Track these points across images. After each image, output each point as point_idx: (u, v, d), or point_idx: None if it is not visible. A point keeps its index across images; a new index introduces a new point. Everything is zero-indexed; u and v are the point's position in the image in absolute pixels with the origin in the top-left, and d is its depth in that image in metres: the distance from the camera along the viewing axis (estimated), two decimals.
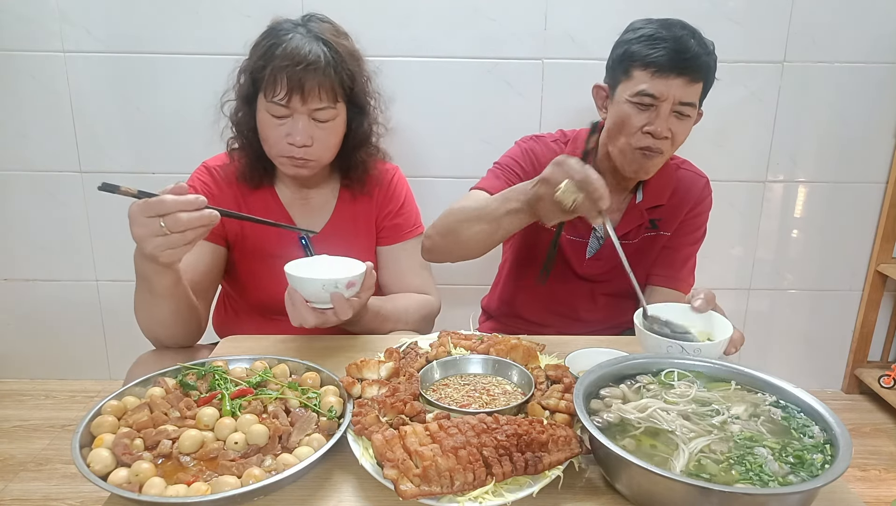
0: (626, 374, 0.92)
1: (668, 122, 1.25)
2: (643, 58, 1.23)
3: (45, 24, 1.93)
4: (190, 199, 0.91)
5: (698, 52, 1.22)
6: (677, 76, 1.21)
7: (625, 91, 1.27)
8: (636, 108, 1.25)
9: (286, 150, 1.21)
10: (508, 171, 1.38)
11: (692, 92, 1.24)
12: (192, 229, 0.91)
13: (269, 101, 1.18)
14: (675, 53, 1.20)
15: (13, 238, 2.16)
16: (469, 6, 1.92)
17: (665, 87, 1.22)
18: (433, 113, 2.01)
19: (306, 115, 1.19)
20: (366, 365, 0.96)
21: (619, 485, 0.76)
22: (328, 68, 1.17)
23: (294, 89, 1.15)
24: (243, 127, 1.27)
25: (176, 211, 0.90)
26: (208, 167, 1.34)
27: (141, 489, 0.71)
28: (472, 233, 1.18)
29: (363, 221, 1.39)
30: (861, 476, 1.93)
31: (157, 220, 0.90)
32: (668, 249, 1.46)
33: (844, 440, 0.74)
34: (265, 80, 1.17)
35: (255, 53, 1.21)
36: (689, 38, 1.22)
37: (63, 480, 1.82)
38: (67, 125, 2.03)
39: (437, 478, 0.71)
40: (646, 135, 1.26)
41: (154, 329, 1.15)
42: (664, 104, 1.23)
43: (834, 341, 2.35)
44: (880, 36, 1.99)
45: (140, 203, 0.91)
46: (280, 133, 1.20)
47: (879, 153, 2.11)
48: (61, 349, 2.31)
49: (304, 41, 1.17)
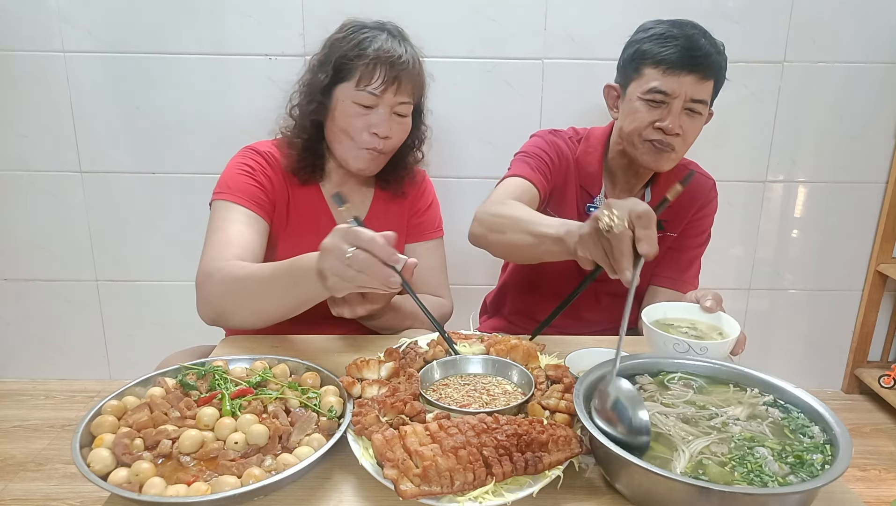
0: (626, 374, 0.92)
1: (680, 119, 1.26)
2: (654, 55, 1.24)
3: (45, 24, 1.93)
4: (387, 250, 0.86)
5: (709, 50, 1.23)
6: (689, 73, 1.23)
7: (637, 89, 1.28)
8: (648, 105, 1.27)
9: (367, 140, 1.25)
10: (538, 159, 1.38)
11: (703, 90, 1.25)
12: (367, 276, 0.87)
13: (362, 89, 1.22)
14: (687, 51, 1.22)
15: (13, 238, 2.16)
16: (469, 6, 1.92)
17: (676, 85, 1.23)
18: (433, 113, 2.00)
19: (389, 109, 1.24)
20: (366, 365, 0.96)
21: (619, 485, 0.76)
22: (416, 68, 1.27)
23: (390, 80, 1.22)
24: (313, 117, 1.29)
25: (367, 250, 0.85)
26: (260, 151, 1.32)
27: (141, 489, 0.71)
28: (519, 243, 1.13)
29: (395, 220, 1.42)
30: (861, 476, 1.93)
31: (348, 246, 0.86)
32: (673, 251, 1.46)
33: (844, 440, 0.74)
34: (359, 69, 1.21)
35: (341, 46, 1.24)
36: (700, 37, 1.24)
37: (63, 480, 1.82)
38: (67, 125, 2.03)
39: (437, 478, 0.71)
40: (657, 130, 1.27)
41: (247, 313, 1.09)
42: (676, 101, 1.25)
43: (834, 341, 2.35)
44: (880, 36, 1.99)
45: (345, 227, 0.88)
46: (363, 123, 1.24)
47: (879, 153, 2.11)
48: (61, 349, 2.31)
49: (394, 41, 1.24)
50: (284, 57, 1.94)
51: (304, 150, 1.31)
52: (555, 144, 1.41)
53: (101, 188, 2.10)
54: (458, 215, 2.00)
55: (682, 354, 0.98)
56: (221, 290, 1.09)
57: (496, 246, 1.22)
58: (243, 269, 1.08)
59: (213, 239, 1.18)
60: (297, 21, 1.92)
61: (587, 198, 1.41)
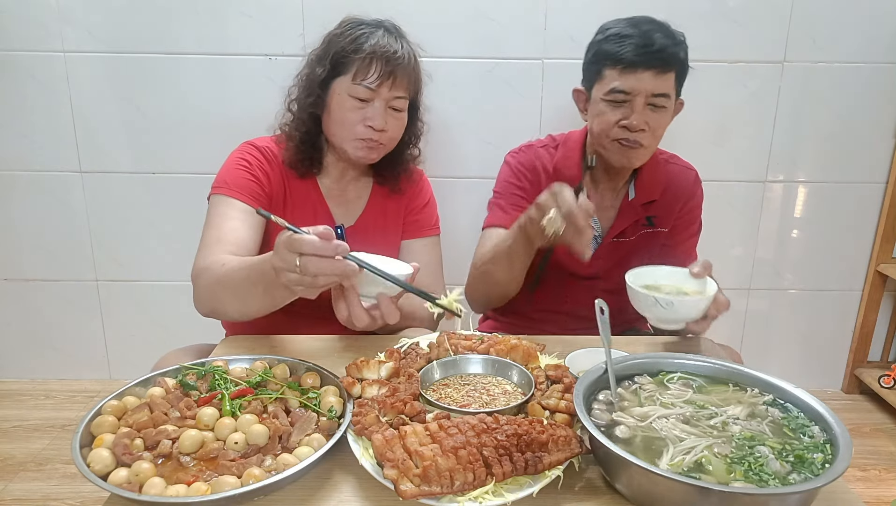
0: (626, 374, 0.92)
1: (644, 116, 1.28)
2: (611, 56, 1.27)
3: (45, 24, 1.93)
4: (329, 246, 0.89)
5: (664, 43, 1.25)
6: (645, 69, 1.25)
7: (599, 91, 1.32)
8: (611, 105, 1.30)
9: (363, 132, 1.27)
10: (510, 196, 1.43)
11: (663, 83, 1.27)
12: (324, 276, 0.90)
13: (358, 83, 1.24)
14: (642, 48, 1.24)
15: (13, 238, 2.16)
16: (469, 6, 1.92)
17: (636, 82, 1.26)
18: (432, 113, 1.99)
19: (384, 103, 1.27)
20: (366, 365, 0.96)
21: (619, 485, 0.76)
22: (412, 64, 1.29)
23: (385, 75, 1.24)
24: (310, 110, 1.31)
25: (312, 254, 0.88)
26: (258, 146, 1.35)
27: (141, 489, 0.71)
28: (498, 275, 1.30)
29: (392, 216, 1.43)
30: (861, 476, 1.93)
31: (295, 256, 0.89)
32: (667, 246, 1.47)
33: (844, 440, 0.74)
34: (356, 63, 1.24)
35: (339, 41, 1.27)
36: (654, 32, 1.25)
37: (63, 480, 1.82)
38: (67, 125, 2.03)
39: (437, 478, 0.71)
40: (622, 129, 1.29)
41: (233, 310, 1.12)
42: (637, 98, 1.27)
43: (834, 341, 2.35)
44: (880, 36, 1.98)
45: (285, 237, 0.90)
46: (359, 116, 1.27)
47: (879, 153, 2.11)
48: (61, 349, 2.31)
49: (390, 37, 1.27)
50: (284, 57, 1.94)
51: (302, 143, 1.33)
52: (523, 165, 1.45)
53: (101, 188, 2.10)
54: (458, 215, 2.00)
55: (650, 307, 1.10)
56: (209, 287, 1.13)
57: (491, 293, 1.37)
58: (223, 266, 1.11)
59: (206, 235, 1.22)
60: (297, 21, 1.92)
61: None
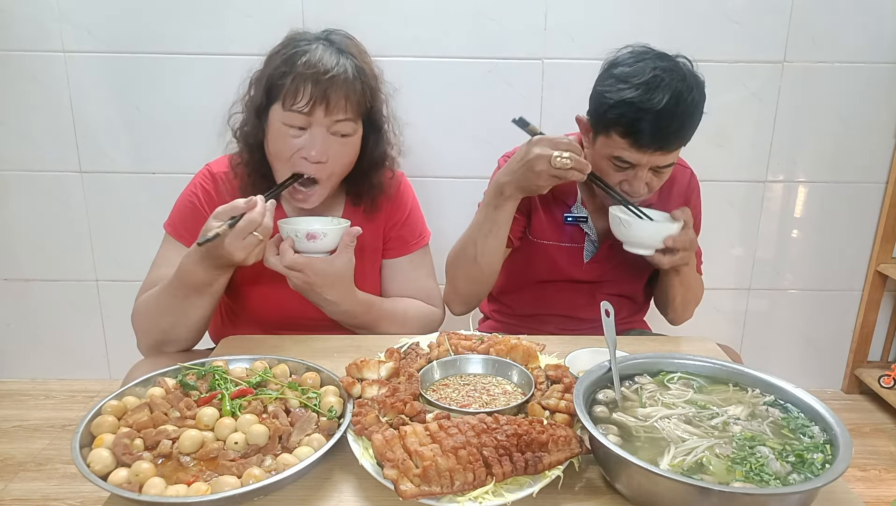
0: (626, 374, 0.92)
1: (647, 179, 1.25)
2: (623, 127, 1.18)
3: (45, 24, 1.93)
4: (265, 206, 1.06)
5: (681, 124, 1.18)
6: (656, 150, 1.19)
7: (604, 147, 1.25)
8: (614, 165, 1.25)
9: (299, 164, 1.15)
10: None
11: (672, 157, 1.23)
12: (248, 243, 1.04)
13: (288, 109, 1.12)
14: (657, 131, 1.16)
15: (13, 238, 2.16)
16: (469, 6, 1.92)
17: (643, 157, 1.21)
18: (433, 113, 2.00)
19: (325, 129, 1.14)
20: (366, 365, 0.96)
21: (619, 485, 0.76)
22: (354, 81, 1.14)
23: (318, 99, 1.11)
24: (250, 140, 1.20)
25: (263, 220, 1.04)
26: (213, 174, 1.28)
27: (141, 489, 0.71)
28: (477, 251, 1.29)
29: (370, 237, 1.32)
30: (861, 476, 1.93)
31: (252, 236, 1.04)
32: None
33: (844, 440, 0.74)
34: (285, 88, 1.11)
35: (274, 62, 1.15)
36: (673, 106, 1.14)
37: (63, 480, 1.82)
38: (67, 125, 2.03)
39: (437, 478, 0.71)
40: (623, 182, 1.27)
41: (172, 331, 1.17)
42: (641, 169, 1.23)
43: (834, 341, 2.35)
44: (880, 36, 1.98)
45: (234, 232, 1.03)
46: (293, 146, 1.14)
47: (879, 153, 2.11)
48: (61, 349, 2.31)
49: (328, 52, 1.13)
50: None
51: (249, 176, 1.23)
52: None
53: (101, 188, 2.10)
54: (457, 216, 2.00)
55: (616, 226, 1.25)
56: (143, 327, 1.19)
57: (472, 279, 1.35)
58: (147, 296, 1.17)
59: (148, 277, 1.24)
60: (297, 21, 1.90)
61: (564, 207, 1.41)
